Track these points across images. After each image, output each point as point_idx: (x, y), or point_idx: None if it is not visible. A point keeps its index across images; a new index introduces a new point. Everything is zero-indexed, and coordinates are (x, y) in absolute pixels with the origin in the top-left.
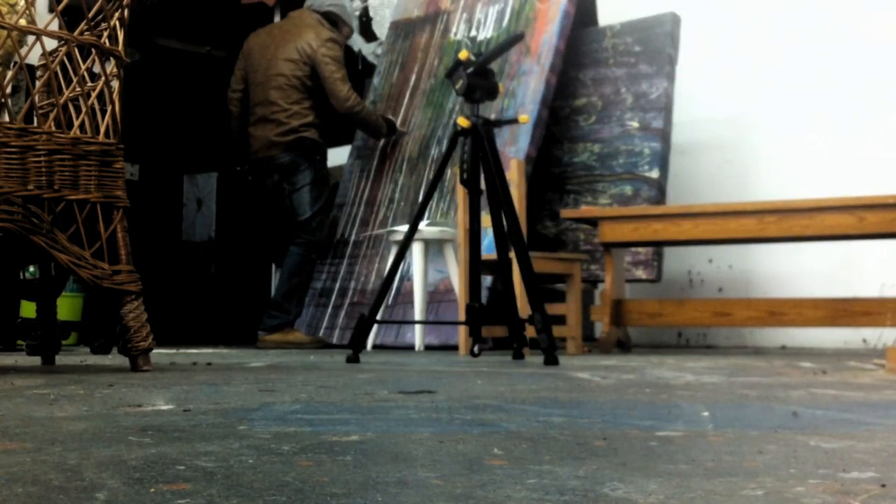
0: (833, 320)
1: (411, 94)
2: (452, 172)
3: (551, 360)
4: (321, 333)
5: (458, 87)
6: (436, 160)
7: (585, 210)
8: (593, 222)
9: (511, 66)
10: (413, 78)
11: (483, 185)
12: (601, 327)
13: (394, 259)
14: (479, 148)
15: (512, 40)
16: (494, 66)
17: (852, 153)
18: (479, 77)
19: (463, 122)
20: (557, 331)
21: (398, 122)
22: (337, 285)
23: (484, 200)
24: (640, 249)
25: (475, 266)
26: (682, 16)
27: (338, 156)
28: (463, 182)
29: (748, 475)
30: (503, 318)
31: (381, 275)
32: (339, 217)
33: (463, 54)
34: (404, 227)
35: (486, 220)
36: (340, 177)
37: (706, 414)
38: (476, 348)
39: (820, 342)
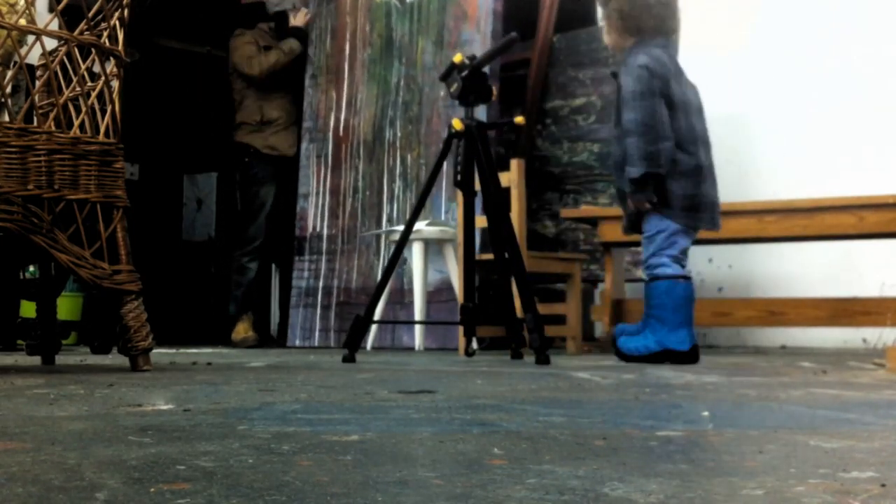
0: (833, 320)
1: (350, 66)
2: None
3: (543, 360)
4: (317, 335)
5: (452, 90)
6: (392, 145)
7: (585, 210)
8: (593, 222)
9: (451, 34)
10: (347, 47)
11: (478, 187)
12: (601, 327)
13: (390, 259)
14: (473, 150)
15: (506, 44)
16: (431, 35)
17: (852, 153)
18: (474, 80)
19: (457, 124)
20: (558, 330)
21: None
22: (321, 284)
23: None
24: (640, 249)
25: (469, 266)
26: (682, 16)
27: None
28: (457, 184)
29: (748, 475)
30: (501, 319)
31: (362, 272)
32: (307, 208)
33: (457, 58)
34: (401, 227)
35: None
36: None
37: (706, 414)
38: (471, 348)
39: (820, 342)
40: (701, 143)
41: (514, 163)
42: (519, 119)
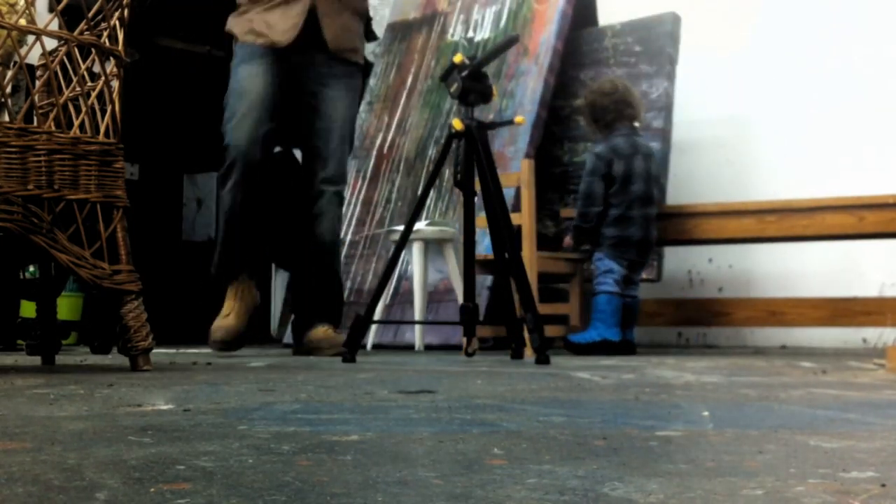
0: (833, 320)
1: (408, 95)
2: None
3: (543, 360)
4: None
5: (452, 90)
6: (433, 161)
7: None
8: None
9: (509, 67)
10: (410, 79)
11: (478, 187)
12: None
13: (390, 258)
14: (472, 150)
15: (506, 43)
16: (492, 66)
17: (852, 153)
18: (474, 80)
19: (457, 124)
20: (560, 330)
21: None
22: None
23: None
24: None
25: (470, 266)
26: (682, 16)
27: None
28: (457, 184)
29: (748, 475)
30: (501, 318)
31: (379, 275)
32: None
33: (457, 58)
34: (402, 227)
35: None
36: None
37: (706, 414)
38: (471, 348)
39: (820, 342)
40: (635, 201)
41: (524, 163)
42: (519, 119)
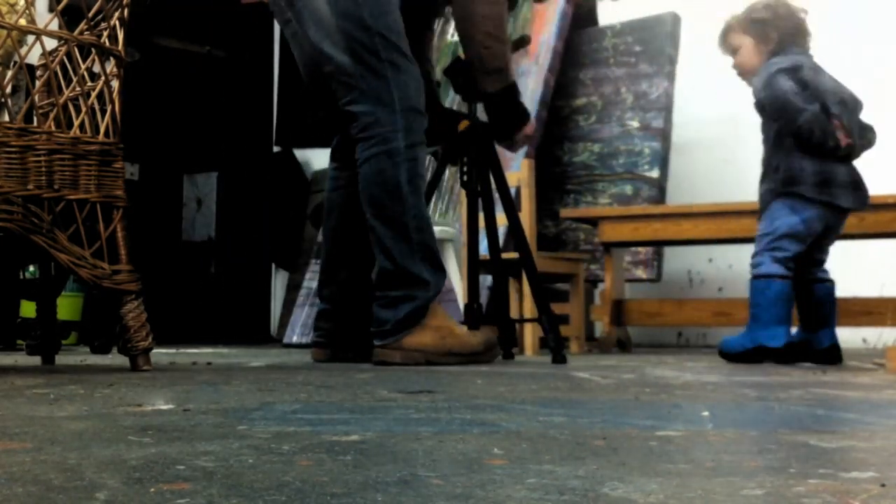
0: None
1: None
2: (451, 173)
3: (560, 359)
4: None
5: (456, 84)
6: (433, 161)
7: (585, 210)
8: (593, 222)
9: None
10: None
11: (480, 187)
12: (601, 327)
13: None
14: (478, 151)
15: (515, 44)
16: None
17: None
18: None
19: (462, 124)
20: (560, 330)
21: None
22: None
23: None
24: (640, 249)
25: (474, 266)
26: (682, 16)
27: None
28: (463, 185)
29: (748, 475)
30: (494, 319)
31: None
32: None
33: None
34: None
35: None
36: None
37: (706, 414)
38: None
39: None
40: None
41: (524, 163)
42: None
